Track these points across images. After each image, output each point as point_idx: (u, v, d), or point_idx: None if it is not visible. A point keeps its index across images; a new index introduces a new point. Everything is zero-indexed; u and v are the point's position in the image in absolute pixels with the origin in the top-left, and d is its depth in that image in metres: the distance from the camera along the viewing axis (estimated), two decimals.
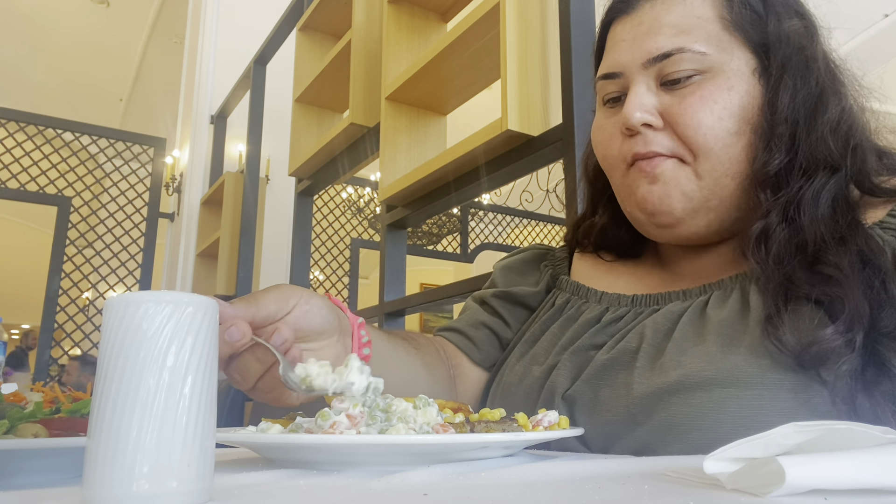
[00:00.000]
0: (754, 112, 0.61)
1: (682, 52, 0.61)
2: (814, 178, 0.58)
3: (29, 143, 3.95)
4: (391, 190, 1.81)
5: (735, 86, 0.61)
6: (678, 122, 0.61)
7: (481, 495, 0.33)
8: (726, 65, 0.61)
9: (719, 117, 0.60)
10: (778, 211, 0.58)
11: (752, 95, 0.61)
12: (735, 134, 0.60)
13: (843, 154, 0.59)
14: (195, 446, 0.32)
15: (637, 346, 0.61)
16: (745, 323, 0.57)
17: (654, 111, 0.62)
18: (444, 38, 1.63)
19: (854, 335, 0.50)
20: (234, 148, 3.99)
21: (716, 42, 0.61)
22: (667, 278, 0.70)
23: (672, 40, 0.61)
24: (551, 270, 0.81)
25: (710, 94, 0.60)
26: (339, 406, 0.46)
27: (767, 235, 0.58)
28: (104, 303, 0.33)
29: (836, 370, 0.50)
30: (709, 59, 0.61)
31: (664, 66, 0.62)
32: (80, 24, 6.20)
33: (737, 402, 0.52)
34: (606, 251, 0.76)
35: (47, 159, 3.94)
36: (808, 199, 0.58)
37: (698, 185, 0.61)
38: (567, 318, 0.71)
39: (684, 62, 0.61)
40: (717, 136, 0.60)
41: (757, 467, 0.29)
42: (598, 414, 0.60)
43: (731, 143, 0.60)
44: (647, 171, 0.63)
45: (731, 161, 0.61)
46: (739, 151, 0.61)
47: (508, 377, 0.71)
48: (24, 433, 0.47)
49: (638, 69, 0.63)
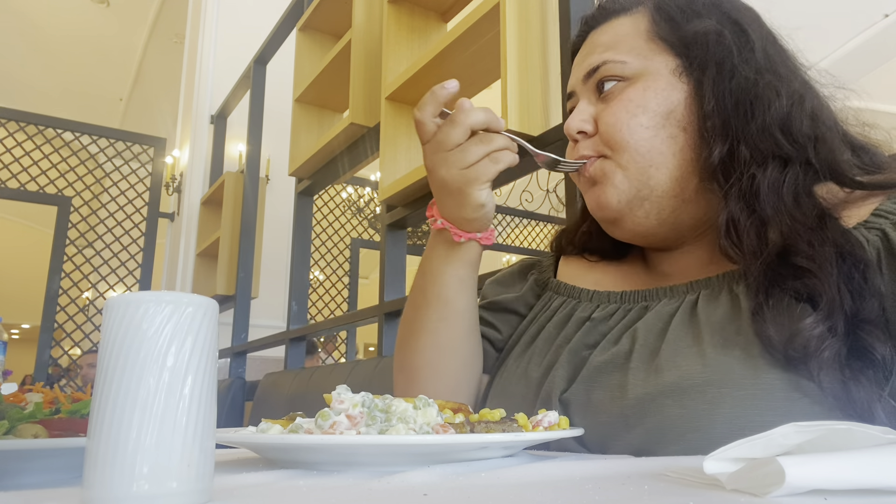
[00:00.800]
0: (676, 107, 0.65)
1: (606, 63, 0.68)
2: (766, 168, 0.60)
3: (29, 142, 3.95)
4: (391, 190, 1.81)
5: (651, 85, 0.66)
6: (602, 123, 0.68)
7: (481, 495, 0.33)
8: (646, 69, 0.67)
9: (633, 114, 0.66)
10: (734, 199, 0.61)
11: (672, 93, 0.66)
12: (651, 128, 0.65)
13: (797, 146, 0.61)
14: (195, 447, 0.32)
15: (630, 348, 0.62)
16: (737, 323, 0.57)
17: (588, 119, 0.69)
18: (444, 38, 1.63)
19: (835, 322, 0.52)
20: (234, 148, 3.99)
21: (637, 52, 0.68)
22: (652, 277, 0.72)
23: (600, 56, 0.69)
24: (536, 276, 0.83)
25: (627, 96, 0.67)
26: (338, 406, 0.46)
27: (735, 225, 0.60)
28: (104, 303, 0.33)
29: (819, 357, 0.50)
30: (629, 67, 0.67)
31: (594, 78, 0.70)
32: (80, 24, 6.20)
33: (731, 403, 0.52)
34: (591, 254, 0.80)
35: (47, 159, 3.95)
36: (766, 190, 0.59)
37: (624, 174, 0.66)
38: (561, 317, 0.72)
39: (609, 71, 0.68)
40: (632, 131, 0.65)
41: (757, 467, 0.29)
42: (593, 416, 0.61)
43: (647, 136, 0.65)
44: (586, 177, 0.70)
45: (651, 153, 0.65)
46: (660, 144, 0.65)
47: (507, 376, 0.72)
48: (24, 434, 0.47)
49: (580, 85, 0.72)
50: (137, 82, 7.11)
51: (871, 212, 0.59)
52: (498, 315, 0.82)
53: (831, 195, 0.60)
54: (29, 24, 6.13)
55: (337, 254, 4.73)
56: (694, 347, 0.57)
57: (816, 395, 0.51)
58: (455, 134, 0.66)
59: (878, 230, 0.57)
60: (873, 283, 0.53)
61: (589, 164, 0.69)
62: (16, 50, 6.42)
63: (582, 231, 0.80)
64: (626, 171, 0.66)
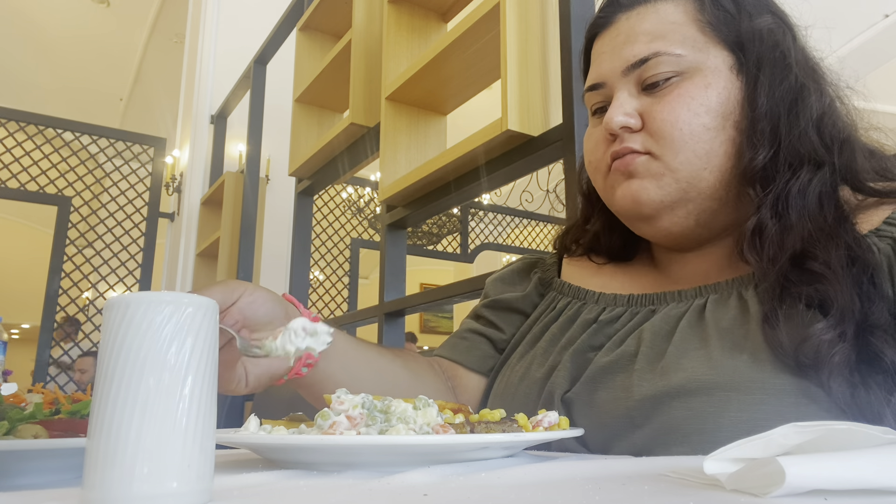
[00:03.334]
0: (734, 107, 0.62)
1: (658, 55, 0.63)
2: (799, 173, 0.59)
3: (29, 142, 3.95)
4: (391, 190, 1.81)
5: (713, 83, 0.62)
6: (655, 119, 0.63)
7: (481, 495, 0.33)
8: (703, 64, 0.63)
9: (696, 113, 0.62)
10: (768, 206, 0.59)
11: (731, 91, 0.63)
12: (713, 129, 0.62)
13: (828, 149, 0.60)
14: (195, 447, 0.32)
15: (635, 349, 0.61)
16: (746, 327, 0.57)
17: (634, 114, 0.64)
18: (444, 38, 1.63)
19: (845, 328, 0.51)
20: (234, 148, 3.99)
21: (691, 43, 0.63)
22: (661, 280, 0.71)
23: (648, 46, 0.64)
24: (540, 275, 0.82)
25: (687, 91, 0.62)
26: (339, 408, 0.46)
27: (762, 231, 0.59)
28: (104, 303, 0.33)
29: (829, 363, 0.50)
30: (685, 60, 0.63)
31: (642, 71, 0.64)
32: (80, 24, 6.20)
33: (738, 407, 0.52)
34: (597, 255, 0.78)
35: (47, 159, 3.94)
36: (794, 194, 0.59)
37: (673, 177, 0.63)
38: (566, 319, 0.71)
39: (661, 65, 0.63)
40: (693, 131, 0.62)
41: (757, 468, 0.29)
42: (596, 416, 0.60)
43: (708, 138, 0.62)
44: (622, 169, 0.65)
45: (708, 155, 0.62)
46: (718, 146, 0.62)
47: (509, 377, 0.71)
48: (24, 434, 0.47)
49: (618, 77, 0.66)
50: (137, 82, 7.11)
51: (882, 220, 0.58)
52: (501, 314, 0.81)
53: (845, 202, 0.60)
54: (29, 24, 6.12)
55: (337, 254, 4.72)
56: (701, 350, 0.57)
57: (824, 401, 0.50)
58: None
59: (889, 238, 0.56)
60: (883, 288, 0.52)
61: (628, 160, 0.64)
62: (16, 50, 6.41)
63: (587, 231, 0.78)
64: (675, 173, 0.62)
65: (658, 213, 0.64)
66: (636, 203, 0.65)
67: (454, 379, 0.79)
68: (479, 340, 0.80)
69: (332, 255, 4.69)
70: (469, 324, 0.83)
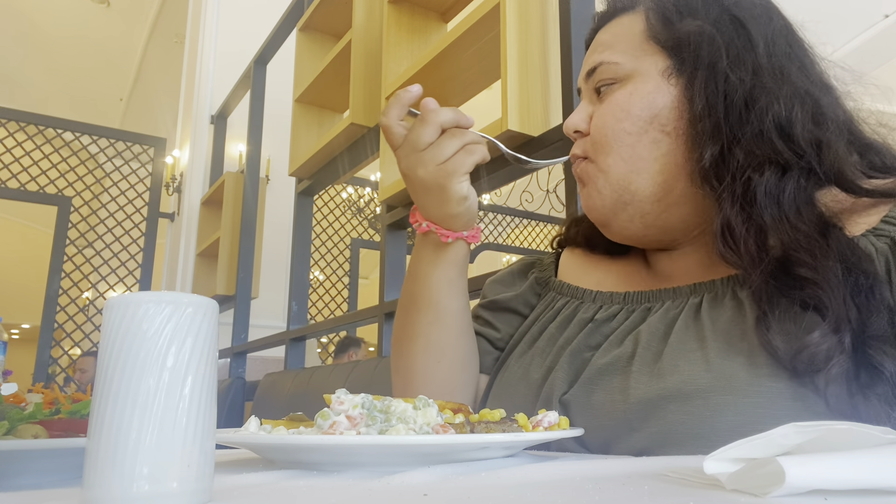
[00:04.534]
0: (661, 111, 0.64)
1: (602, 64, 0.68)
2: (763, 173, 0.58)
3: (29, 142, 3.95)
4: (391, 190, 1.81)
5: (638, 89, 0.65)
6: (592, 126, 0.68)
7: (481, 495, 0.33)
8: (636, 70, 0.66)
9: (617, 118, 0.65)
10: (728, 203, 0.59)
11: (659, 96, 0.64)
12: (634, 133, 0.64)
13: (797, 152, 0.58)
14: (195, 447, 0.32)
15: (632, 350, 0.61)
16: (742, 329, 0.56)
17: (585, 118, 0.69)
18: (444, 39, 1.63)
19: (842, 337, 0.50)
20: (234, 148, 3.99)
21: (631, 52, 0.67)
22: (654, 277, 0.71)
23: (598, 56, 0.69)
24: (536, 275, 0.82)
25: (614, 98, 0.66)
26: (338, 408, 0.46)
27: (731, 231, 0.58)
28: (104, 303, 0.33)
29: (826, 373, 0.49)
30: (621, 69, 0.66)
31: (593, 78, 0.69)
32: (80, 25, 6.20)
33: (734, 410, 0.52)
34: (594, 247, 0.79)
35: (47, 159, 3.95)
36: (763, 197, 0.57)
37: (606, 180, 0.66)
38: (563, 318, 0.71)
39: (604, 73, 0.67)
40: (615, 136, 0.65)
41: (757, 467, 0.29)
42: (594, 418, 0.60)
43: (629, 142, 0.64)
44: (577, 175, 0.70)
45: (632, 158, 0.64)
46: (641, 149, 0.64)
47: (508, 376, 0.71)
48: (24, 434, 0.47)
49: (583, 84, 0.72)
50: (137, 82, 7.11)
51: (880, 218, 0.57)
52: (497, 314, 0.81)
53: (836, 202, 0.59)
54: (29, 25, 6.13)
55: (337, 254, 4.73)
56: (697, 352, 0.57)
57: (822, 406, 0.50)
58: (427, 133, 0.66)
59: (887, 237, 0.55)
60: (882, 297, 0.51)
61: (574, 165, 0.69)
62: (16, 50, 6.41)
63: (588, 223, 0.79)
64: (606, 175, 0.66)
65: (606, 218, 0.68)
66: (588, 209, 0.69)
67: None
68: (478, 341, 0.80)
69: (332, 255, 4.70)
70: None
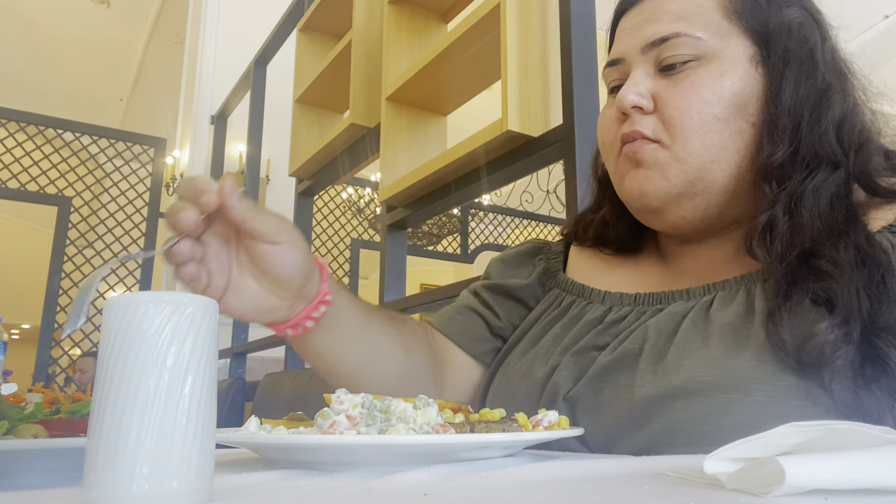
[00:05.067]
0: (749, 100, 0.61)
1: (679, 36, 0.62)
2: (815, 173, 0.58)
3: (29, 143, 3.95)
4: (391, 190, 1.81)
5: (729, 72, 0.61)
6: (667, 106, 0.62)
7: (481, 495, 0.33)
8: (723, 51, 0.62)
9: (707, 102, 0.60)
10: (783, 203, 0.58)
11: (747, 83, 0.61)
12: (722, 120, 0.61)
13: (846, 151, 0.59)
14: (195, 447, 0.32)
15: (640, 347, 0.61)
16: (749, 326, 0.56)
17: (647, 94, 0.63)
18: (444, 39, 1.63)
19: (850, 329, 0.50)
20: (234, 148, 3.99)
21: (714, 29, 0.62)
22: (668, 275, 0.70)
23: (670, 25, 0.62)
24: (545, 264, 0.80)
25: (701, 79, 0.61)
26: (338, 407, 0.46)
27: (773, 227, 0.58)
28: (104, 303, 0.33)
29: (832, 364, 0.49)
30: (704, 45, 0.61)
31: (661, 50, 0.63)
32: (80, 24, 6.20)
33: (740, 409, 0.51)
34: (605, 246, 0.76)
35: (47, 159, 3.94)
36: (808, 193, 0.58)
37: (681, 168, 0.61)
38: (570, 319, 0.70)
39: (680, 47, 0.62)
40: (703, 121, 0.60)
41: (757, 467, 0.29)
42: (600, 416, 0.60)
43: (717, 129, 0.61)
44: (630, 157, 0.64)
45: (717, 147, 0.61)
46: (727, 138, 0.61)
47: (510, 376, 0.71)
48: (24, 434, 0.47)
49: (637, 55, 0.65)
50: (138, 82, 7.11)
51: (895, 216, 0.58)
52: (500, 300, 0.79)
53: (857, 197, 0.60)
54: (30, 25, 6.13)
55: (337, 254, 4.72)
56: (702, 350, 0.56)
57: (827, 403, 0.50)
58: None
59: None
60: (893, 289, 0.52)
61: (636, 146, 0.63)
62: (16, 50, 6.41)
63: (598, 219, 0.76)
64: (683, 164, 0.61)
65: (664, 206, 0.63)
66: (642, 194, 0.64)
67: (443, 352, 0.78)
68: (474, 321, 0.78)
69: (332, 256, 4.69)
70: (468, 299, 0.81)
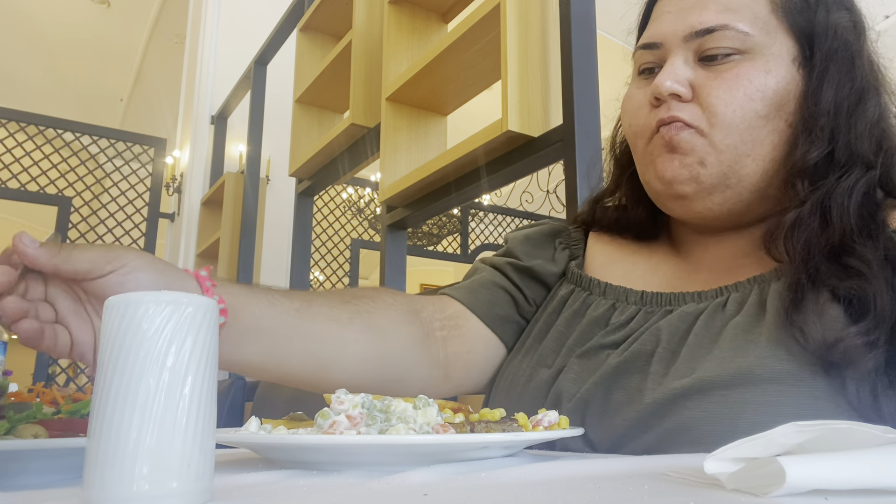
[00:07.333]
0: (788, 99, 0.61)
1: (726, 29, 0.61)
2: (850, 174, 0.59)
3: (29, 143, 3.95)
4: (391, 190, 1.81)
5: (773, 70, 0.61)
6: (709, 95, 0.61)
7: (481, 495, 0.33)
8: (767, 48, 0.61)
9: (750, 98, 0.60)
10: (815, 203, 0.58)
11: (789, 83, 0.61)
12: (763, 117, 0.60)
13: (876, 153, 0.60)
14: (195, 446, 0.32)
15: (652, 349, 0.60)
16: (761, 323, 0.56)
17: (685, 83, 0.62)
18: (444, 39, 1.63)
19: (881, 332, 0.50)
20: (234, 148, 3.99)
21: (761, 24, 0.62)
22: (681, 268, 0.69)
23: (717, 16, 0.61)
24: (568, 251, 0.77)
25: (746, 73, 0.60)
26: (338, 407, 0.46)
27: (800, 225, 0.57)
28: (104, 303, 0.33)
29: (860, 367, 0.49)
30: (751, 40, 0.61)
31: (705, 41, 0.62)
32: (80, 24, 6.20)
33: (754, 409, 0.51)
34: (623, 231, 0.75)
35: (47, 159, 3.94)
36: (840, 193, 0.58)
37: (717, 158, 0.61)
38: (573, 313, 0.69)
39: (726, 39, 0.61)
40: (745, 116, 0.60)
41: (757, 467, 0.29)
42: (610, 417, 0.59)
43: (757, 126, 0.60)
44: (667, 139, 0.62)
45: (754, 142, 0.61)
46: (765, 136, 0.61)
47: (514, 376, 0.69)
48: (24, 434, 0.47)
49: (678, 42, 0.63)
50: (138, 82, 7.11)
51: None
52: (529, 283, 0.75)
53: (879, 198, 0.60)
54: (29, 25, 6.12)
55: (337, 254, 4.72)
56: (715, 351, 0.56)
57: (843, 404, 0.50)
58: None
59: None
60: None
61: (675, 128, 0.61)
62: (16, 50, 6.41)
63: (616, 203, 0.75)
64: (720, 154, 0.61)
65: (694, 195, 0.62)
66: (675, 180, 0.62)
67: (454, 321, 0.72)
68: (503, 298, 0.74)
69: (332, 256, 4.69)
70: (492, 274, 0.76)
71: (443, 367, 0.70)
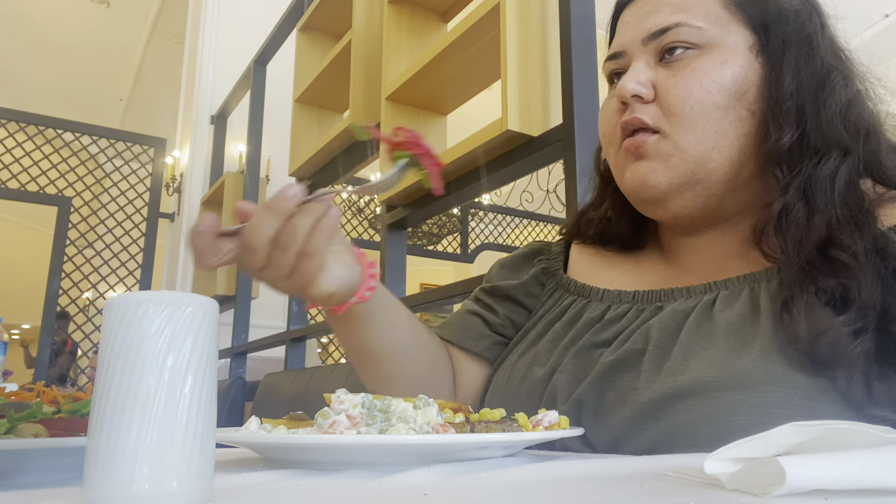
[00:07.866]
0: (748, 87, 0.62)
1: (679, 26, 0.63)
2: (827, 158, 0.59)
3: (29, 143, 3.95)
4: (391, 190, 1.81)
5: (729, 60, 0.62)
6: (668, 94, 0.62)
7: (481, 495, 0.33)
8: (723, 41, 0.63)
9: (708, 90, 0.61)
10: (797, 188, 0.58)
11: (747, 71, 0.62)
12: (723, 108, 0.61)
13: (854, 137, 0.60)
14: (195, 446, 0.32)
15: (643, 347, 0.60)
16: (755, 325, 0.56)
17: (647, 83, 0.64)
18: (444, 39, 1.63)
19: (867, 322, 0.50)
20: (234, 148, 3.99)
21: (714, 19, 0.63)
22: (670, 272, 0.70)
23: (670, 16, 0.64)
24: (544, 264, 0.80)
25: (702, 67, 0.62)
26: (339, 407, 0.46)
27: (788, 213, 0.58)
28: (104, 303, 0.33)
29: (847, 357, 0.49)
30: (705, 35, 0.63)
31: (661, 40, 0.64)
32: (80, 24, 6.20)
33: (747, 410, 0.51)
34: (607, 243, 0.76)
35: (47, 159, 3.94)
36: (821, 179, 0.58)
37: (682, 157, 0.62)
38: (570, 318, 0.70)
39: (680, 36, 0.63)
40: (703, 109, 0.61)
41: (757, 467, 0.29)
42: (605, 417, 0.59)
43: (717, 117, 0.61)
44: (633, 150, 0.64)
45: (717, 134, 0.61)
46: (727, 126, 0.62)
47: (510, 376, 0.70)
48: (25, 433, 0.47)
49: (638, 46, 0.66)
50: (137, 82, 7.11)
51: None
52: (498, 300, 0.80)
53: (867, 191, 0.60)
54: (29, 24, 6.12)
55: None
56: (707, 350, 0.56)
57: (837, 402, 0.49)
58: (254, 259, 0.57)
59: None
60: None
61: (638, 140, 0.63)
62: (16, 50, 6.41)
63: (600, 216, 0.76)
64: (684, 153, 0.62)
65: (666, 196, 0.64)
66: (644, 185, 0.64)
67: (451, 359, 0.79)
68: (472, 321, 0.80)
69: None
70: (468, 305, 0.83)
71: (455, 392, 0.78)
